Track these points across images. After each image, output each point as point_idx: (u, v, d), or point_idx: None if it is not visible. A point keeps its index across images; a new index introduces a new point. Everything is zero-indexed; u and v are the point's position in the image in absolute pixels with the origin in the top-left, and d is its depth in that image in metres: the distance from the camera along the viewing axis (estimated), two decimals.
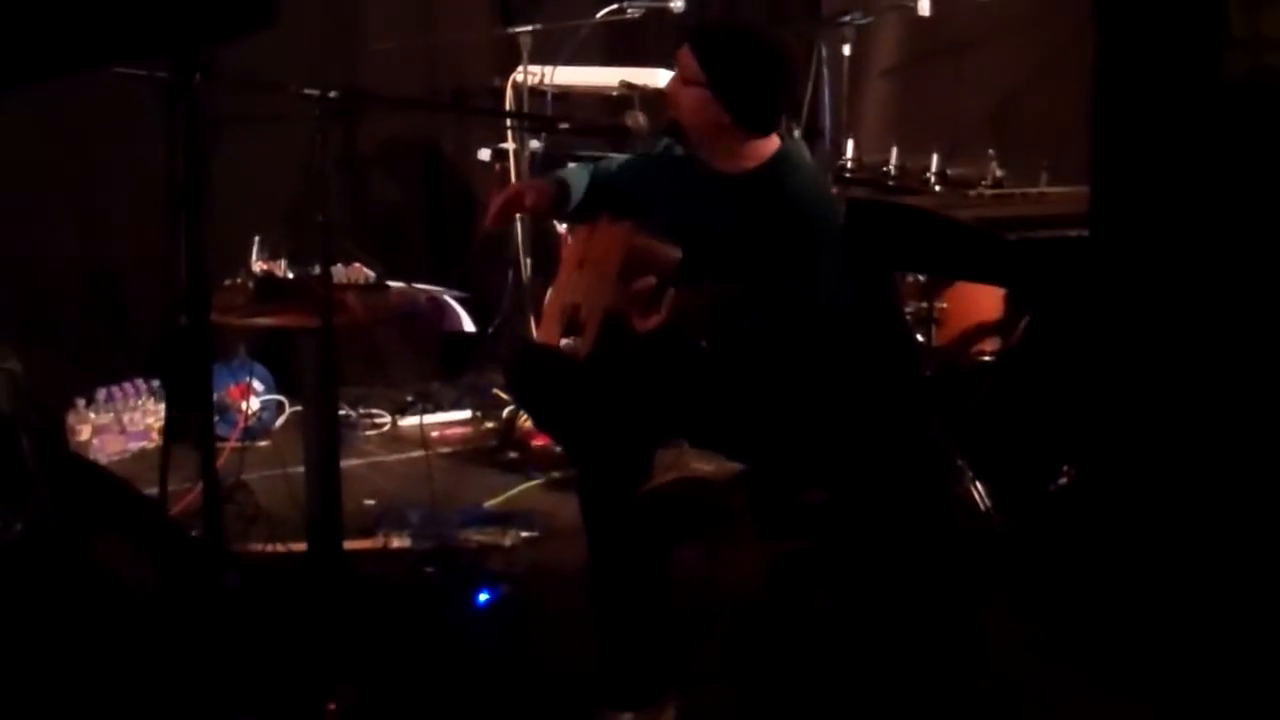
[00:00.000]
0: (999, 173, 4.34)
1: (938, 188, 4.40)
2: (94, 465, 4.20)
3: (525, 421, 4.82)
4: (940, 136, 4.65)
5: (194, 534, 3.12)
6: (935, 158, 4.46)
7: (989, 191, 4.13)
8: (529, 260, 5.12)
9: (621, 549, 2.98)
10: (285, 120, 4.39)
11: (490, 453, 4.84)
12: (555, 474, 4.54)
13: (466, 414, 5.20)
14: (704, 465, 3.10)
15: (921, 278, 4.28)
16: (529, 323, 5.07)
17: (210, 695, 2.81)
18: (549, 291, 5.00)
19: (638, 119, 3.21)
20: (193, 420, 2.92)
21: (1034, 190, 4.06)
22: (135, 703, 2.85)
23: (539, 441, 4.73)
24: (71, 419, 4.71)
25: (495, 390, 5.23)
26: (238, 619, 2.99)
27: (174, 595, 3.06)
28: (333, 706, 2.94)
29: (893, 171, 4.55)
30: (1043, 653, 3.38)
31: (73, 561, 3.21)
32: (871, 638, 3.36)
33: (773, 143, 3.10)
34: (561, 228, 4.78)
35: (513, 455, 4.76)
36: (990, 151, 4.39)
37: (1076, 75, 4.64)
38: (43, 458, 3.93)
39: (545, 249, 5.11)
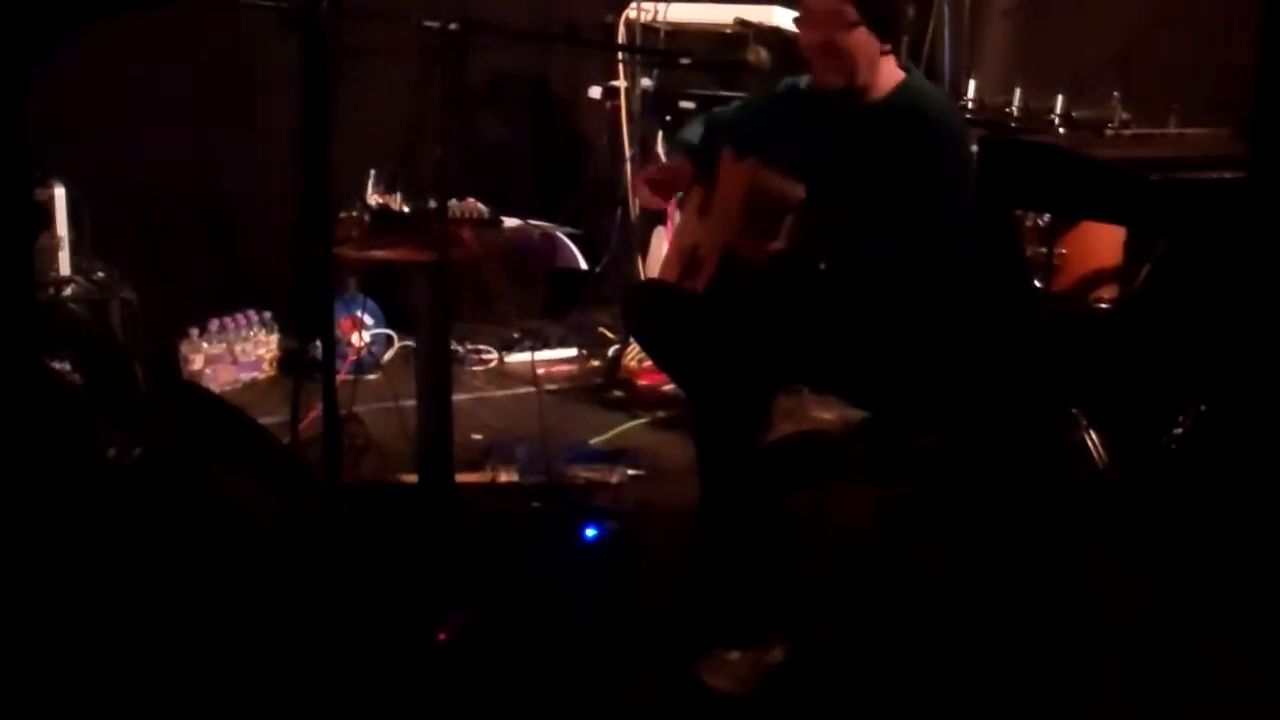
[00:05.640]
0: (1125, 115, 4.24)
1: (1062, 129, 4.30)
2: (210, 394, 4.26)
3: (630, 360, 4.82)
4: (1064, 77, 4.54)
5: (309, 464, 3.15)
6: (1060, 99, 4.36)
7: (1126, 132, 4.02)
8: (637, 199, 5.09)
9: (735, 496, 2.97)
10: (399, 53, 4.39)
11: (596, 391, 4.84)
12: (660, 413, 4.55)
13: (572, 352, 5.21)
14: (824, 414, 3.07)
15: (1041, 222, 4.19)
16: (636, 262, 5.05)
17: (324, 624, 2.84)
18: (656, 232, 5.00)
19: (759, 54, 3.18)
20: (307, 353, 2.94)
21: (1172, 131, 3.95)
22: (250, 629, 2.89)
23: (644, 380, 4.74)
24: (184, 349, 4.77)
25: (601, 328, 5.23)
26: (351, 549, 3.02)
27: (290, 524, 3.09)
28: (443, 636, 2.96)
29: (1016, 113, 4.44)
30: (1155, 602, 3.32)
31: (190, 488, 3.26)
32: (980, 583, 3.32)
33: (897, 71, 3.13)
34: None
35: (618, 394, 4.77)
36: (1115, 94, 4.28)
37: (1203, 14, 4.53)
38: (157, 386, 4.00)
39: None
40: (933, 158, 2.99)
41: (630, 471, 4.06)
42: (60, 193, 4.02)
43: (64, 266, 4.04)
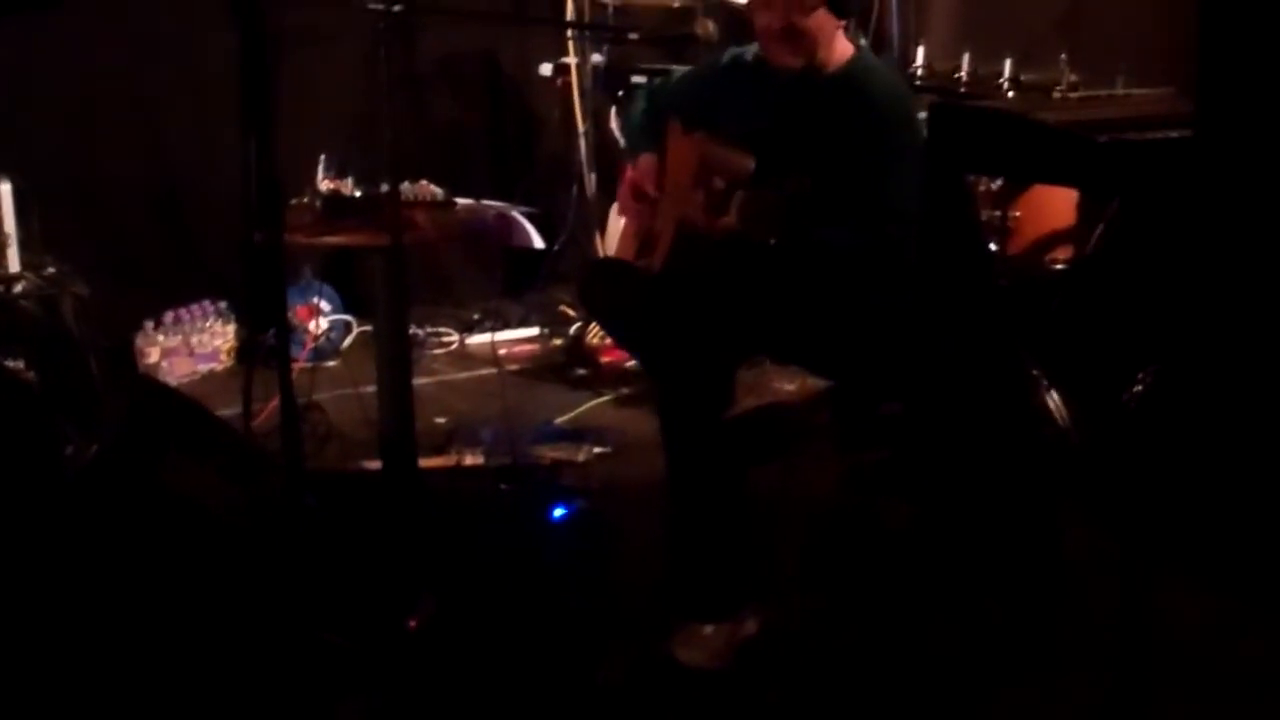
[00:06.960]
0: (1072, 78, 4.25)
1: (1011, 94, 4.30)
2: (166, 388, 4.21)
3: (593, 338, 4.81)
4: (1011, 42, 4.55)
5: (271, 454, 3.12)
6: (1008, 63, 4.36)
7: (1074, 94, 4.03)
8: (593, 175, 5.08)
9: (701, 471, 2.97)
10: (345, 36, 4.35)
11: (559, 369, 4.83)
12: (625, 390, 4.55)
13: (534, 331, 5.20)
14: (787, 385, 3.06)
15: (995, 185, 4.20)
16: (594, 238, 5.04)
17: (292, 615, 2.82)
18: (614, 208, 4.99)
19: (707, 27, 3.16)
20: (264, 342, 2.92)
21: (1119, 92, 3.97)
22: (217, 624, 2.87)
23: (607, 358, 4.73)
24: (140, 341, 4.73)
25: (562, 307, 5.21)
26: (316, 539, 3.00)
27: (253, 516, 3.07)
28: (413, 623, 2.95)
29: (965, 78, 4.45)
30: (1121, 559, 3.35)
31: (149, 484, 3.22)
32: (947, 547, 3.33)
33: (849, 45, 3.10)
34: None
35: (581, 372, 4.76)
36: (1062, 57, 4.29)
37: None
38: (113, 381, 3.95)
39: (609, 164, 5.06)
40: (880, 133, 2.99)
41: (596, 449, 4.05)
42: (7, 188, 3.96)
43: (13, 263, 3.98)
